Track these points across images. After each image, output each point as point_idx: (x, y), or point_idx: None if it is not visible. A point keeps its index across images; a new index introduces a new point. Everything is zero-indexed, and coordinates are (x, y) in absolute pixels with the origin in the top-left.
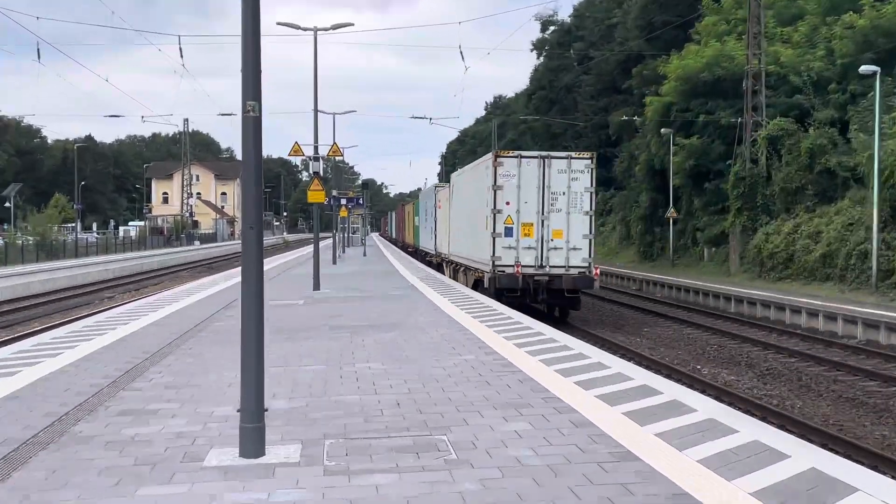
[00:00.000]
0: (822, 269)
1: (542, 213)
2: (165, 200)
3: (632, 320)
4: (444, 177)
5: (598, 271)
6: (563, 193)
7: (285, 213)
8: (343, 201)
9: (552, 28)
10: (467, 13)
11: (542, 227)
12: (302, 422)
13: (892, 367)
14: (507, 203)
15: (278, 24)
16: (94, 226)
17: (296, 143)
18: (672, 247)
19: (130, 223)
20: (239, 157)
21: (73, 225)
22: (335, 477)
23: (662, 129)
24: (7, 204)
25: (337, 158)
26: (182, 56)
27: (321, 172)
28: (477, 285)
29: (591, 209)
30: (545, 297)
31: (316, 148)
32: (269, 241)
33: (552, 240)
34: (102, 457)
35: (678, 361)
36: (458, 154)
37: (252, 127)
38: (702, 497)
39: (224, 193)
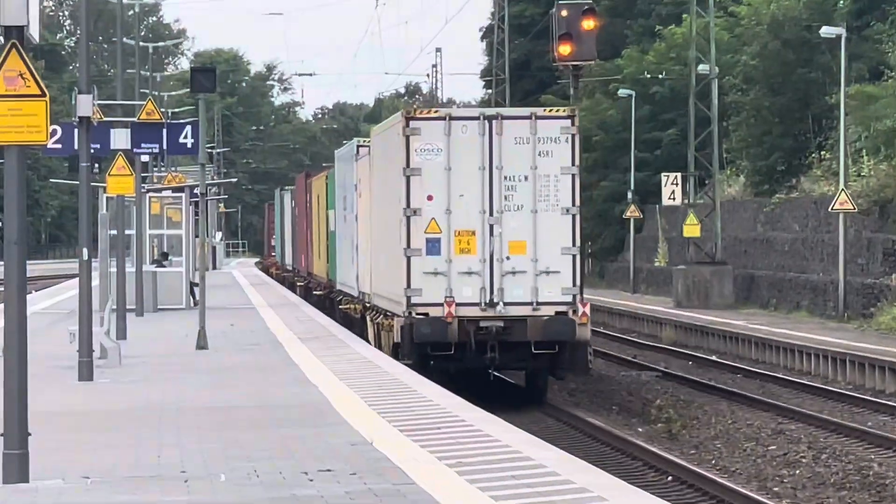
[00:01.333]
0: None
1: (491, 214)
2: None
3: (650, 394)
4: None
5: (586, 310)
6: (526, 178)
7: None
8: (122, 134)
9: None
10: None
11: (490, 238)
12: None
13: None
14: (430, 198)
15: None
16: None
17: None
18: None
19: None
20: None
21: None
22: None
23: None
24: None
25: None
26: None
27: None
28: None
29: (574, 204)
30: (496, 357)
31: None
32: None
33: (509, 258)
34: None
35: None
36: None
37: None
38: None
39: None
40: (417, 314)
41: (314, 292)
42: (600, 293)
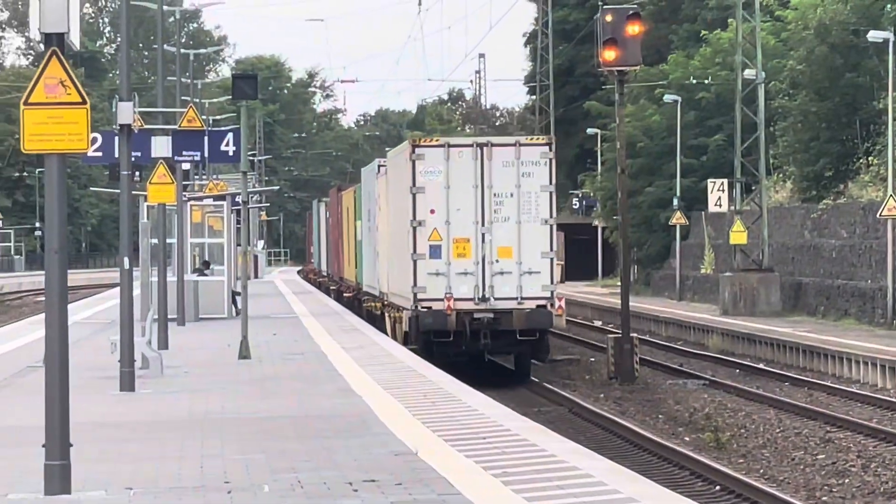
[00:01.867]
0: None
1: (483, 224)
2: None
3: (697, 402)
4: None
5: (562, 304)
6: (512, 195)
7: None
8: (163, 142)
9: None
10: None
11: (482, 244)
12: None
13: None
14: (432, 211)
15: None
16: None
17: None
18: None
19: None
20: None
21: None
22: None
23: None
24: None
25: None
26: None
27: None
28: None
29: (551, 216)
30: (489, 343)
31: None
32: None
33: (497, 261)
34: None
35: None
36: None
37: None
38: None
39: None
40: (423, 308)
41: (344, 294)
42: (646, 301)
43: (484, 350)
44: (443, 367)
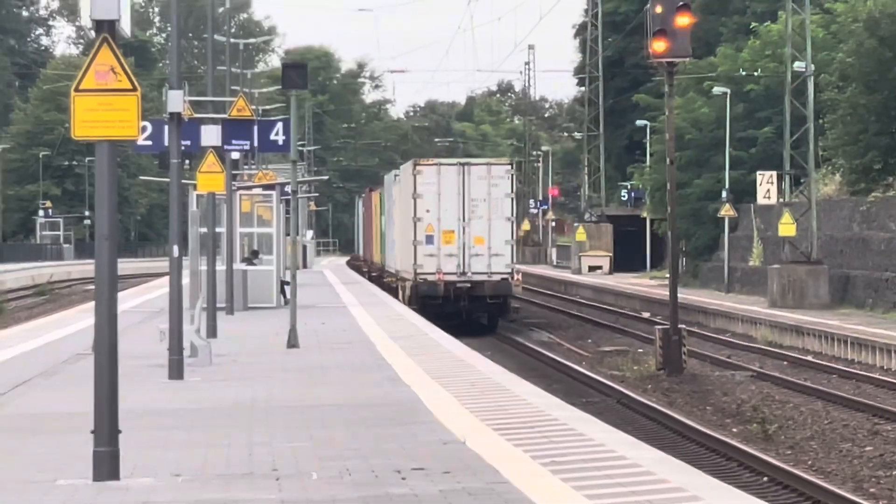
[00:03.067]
0: None
1: (463, 220)
2: None
3: (745, 394)
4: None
5: (519, 277)
6: (484, 200)
7: None
8: (212, 130)
9: None
10: None
11: (463, 234)
12: None
13: None
14: (428, 211)
15: None
16: None
17: None
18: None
19: None
20: None
21: None
22: None
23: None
24: None
25: None
26: None
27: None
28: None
29: (512, 215)
30: (466, 305)
31: None
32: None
33: (473, 246)
34: None
35: None
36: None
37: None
38: None
39: None
40: (420, 279)
41: (371, 274)
42: (694, 293)
43: (463, 310)
44: (434, 322)
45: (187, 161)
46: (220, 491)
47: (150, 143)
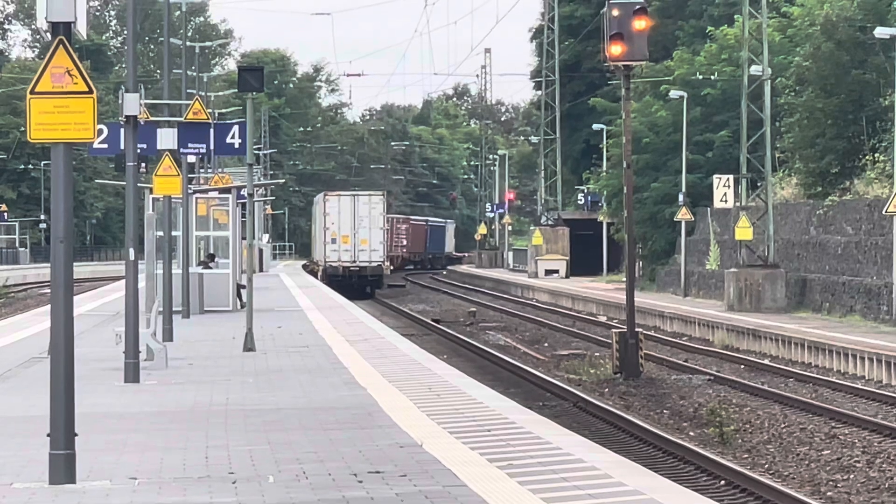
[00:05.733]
0: None
1: (354, 229)
2: None
3: (702, 398)
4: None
5: (388, 264)
6: (367, 216)
7: None
8: (168, 134)
9: None
10: None
11: (354, 238)
12: None
13: None
14: (333, 223)
15: None
16: None
17: None
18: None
19: None
20: None
21: None
22: None
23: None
24: None
25: None
26: None
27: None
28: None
29: (383, 226)
30: (355, 280)
31: None
32: None
33: (360, 245)
34: None
35: None
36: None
37: None
38: None
39: None
40: (328, 265)
41: (309, 267)
42: (650, 296)
43: (354, 284)
44: (338, 290)
45: (143, 164)
46: (176, 494)
47: (106, 146)
